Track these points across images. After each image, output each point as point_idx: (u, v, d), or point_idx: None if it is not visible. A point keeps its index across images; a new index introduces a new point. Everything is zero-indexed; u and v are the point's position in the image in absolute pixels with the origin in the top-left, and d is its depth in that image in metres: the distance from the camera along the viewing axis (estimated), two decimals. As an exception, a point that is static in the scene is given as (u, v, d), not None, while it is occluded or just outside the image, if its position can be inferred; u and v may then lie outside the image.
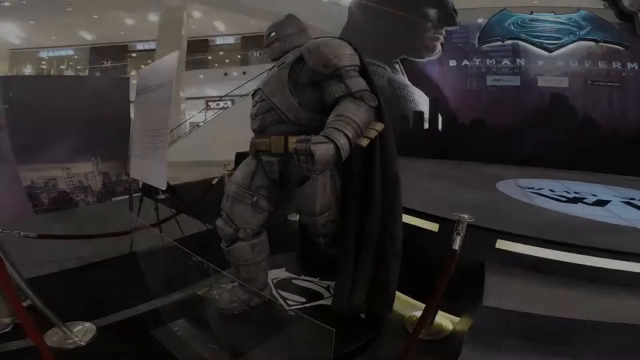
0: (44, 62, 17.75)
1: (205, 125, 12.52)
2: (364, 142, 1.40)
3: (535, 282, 1.93)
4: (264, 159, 1.74)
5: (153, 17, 14.33)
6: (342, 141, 1.32)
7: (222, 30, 16.81)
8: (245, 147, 1.94)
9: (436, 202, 2.83)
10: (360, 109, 1.45)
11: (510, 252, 2.09)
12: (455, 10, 7.57)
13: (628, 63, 6.87)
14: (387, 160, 1.65)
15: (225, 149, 4.20)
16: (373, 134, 1.44)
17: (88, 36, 16.43)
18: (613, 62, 6.95)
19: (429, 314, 1.72)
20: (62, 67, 17.68)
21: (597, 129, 6.38)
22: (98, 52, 17.17)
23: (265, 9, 10.18)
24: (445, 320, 2.04)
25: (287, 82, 1.64)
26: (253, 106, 1.81)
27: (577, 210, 2.98)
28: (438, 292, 1.65)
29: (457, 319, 2.03)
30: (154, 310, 2.09)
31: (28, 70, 17.19)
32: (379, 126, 1.47)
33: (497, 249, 2.11)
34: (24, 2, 13.10)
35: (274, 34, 1.82)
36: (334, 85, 1.53)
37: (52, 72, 17.01)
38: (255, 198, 1.75)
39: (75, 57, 17.74)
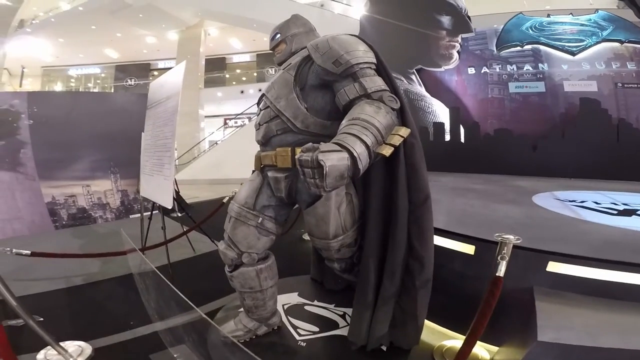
0: (72, 80, 18.63)
1: (222, 143, 12.70)
2: (387, 151, 1.15)
3: (600, 310, 1.63)
4: (270, 174, 1.54)
5: (172, 36, 14.92)
6: (360, 149, 1.07)
7: (238, 48, 17.24)
8: None
9: (468, 220, 2.55)
10: (380, 111, 1.21)
11: (565, 275, 1.80)
12: (469, 17, 7.40)
13: (658, 63, 6.40)
14: (414, 172, 1.40)
15: (242, 166, 4.12)
16: (397, 140, 1.19)
17: (113, 54, 17.30)
18: None
19: (468, 348, 1.48)
20: (90, 84, 18.55)
21: (634, 135, 5.83)
22: (123, 70, 17.99)
23: (276, 24, 10.23)
24: (481, 349, 1.78)
25: (293, 84, 1.44)
26: (257, 115, 1.63)
27: (634, 223, 2.63)
28: (481, 325, 1.42)
29: (495, 348, 1.78)
30: (154, 334, 1.98)
31: (58, 87, 18.12)
32: (404, 131, 1.22)
33: (549, 271, 1.82)
34: (52, 20, 14.11)
35: (279, 35, 1.66)
36: (347, 86, 1.32)
37: (81, 89, 17.89)
38: (260, 219, 1.56)
39: (102, 75, 18.60)
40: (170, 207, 2.41)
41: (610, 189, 4.40)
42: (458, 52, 7.32)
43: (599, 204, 3.48)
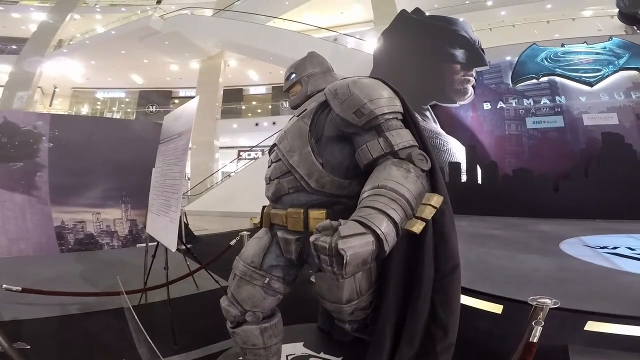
0: (99, 103, 19.39)
1: (235, 175, 12.83)
2: (418, 227, 1.00)
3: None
4: (280, 235, 1.41)
5: (194, 65, 15.56)
6: (386, 229, 0.91)
7: (255, 80, 17.82)
8: None
9: (493, 275, 2.39)
10: (410, 177, 1.05)
11: (604, 333, 1.67)
12: (482, 50, 7.37)
13: (679, 91, 6.20)
14: (444, 242, 1.23)
15: (253, 201, 4.07)
16: (429, 212, 1.03)
17: (138, 80, 18.11)
18: None
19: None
20: (114, 108, 19.23)
21: (661, 170, 5.57)
22: (145, 96, 18.70)
23: (291, 57, 10.55)
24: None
25: (308, 136, 1.29)
26: (268, 166, 1.47)
27: None
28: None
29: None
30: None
31: (85, 109, 18.86)
32: (436, 200, 1.06)
33: (586, 330, 1.70)
34: (87, 42, 14.99)
35: (294, 75, 1.54)
36: (371, 141, 1.16)
37: (105, 113, 18.58)
38: (267, 280, 1.41)
39: (127, 99, 19.39)
40: (174, 250, 2.31)
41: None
42: (473, 86, 7.25)
43: (634, 249, 3.28)
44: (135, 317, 1.73)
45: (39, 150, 4.33)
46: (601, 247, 3.38)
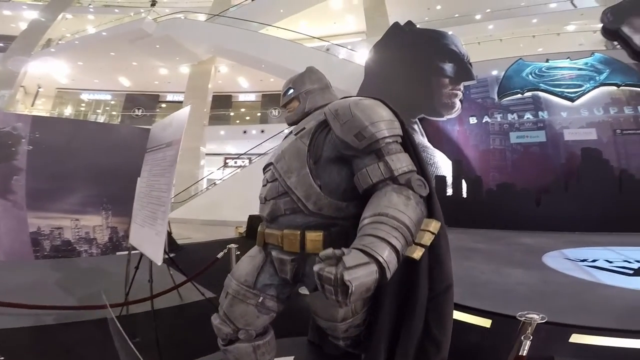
0: (83, 105, 18.82)
1: (221, 184, 12.63)
2: (418, 254, 1.03)
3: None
4: (274, 255, 1.38)
5: (184, 69, 15.38)
6: (389, 257, 0.93)
7: (245, 87, 17.73)
8: (258, 210, 1.60)
9: (481, 290, 2.48)
10: (410, 204, 1.07)
11: (589, 345, 1.78)
12: (470, 64, 7.52)
13: (655, 106, 6.47)
14: (439, 264, 1.25)
15: (239, 209, 3.99)
16: (428, 239, 1.06)
17: (126, 82, 17.74)
18: (639, 107, 6.60)
19: None
20: (99, 110, 18.73)
21: (636, 185, 5.79)
22: (132, 100, 18.28)
23: (283, 66, 10.64)
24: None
25: (306, 157, 1.27)
26: (263, 185, 1.44)
27: None
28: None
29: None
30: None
31: (69, 110, 18.24)
32: (434, 226, 1.08)
33: (571, 342, 1.80)
34: (76, 42, 14.64)
35: (292, 91, 1.51)
36: (370, 165, 1.16)
37: (89, 115, 18.08)
38: (260, 299, 1.38)
39: (112, 102, 18.90)
40: (160, 264, 2.24)
41: (619, 244, 4.33)
42: (460, 100, 7.39)
43: (611, 262, 3.42)
44: (121, 329, 1.66)
45: (17, 152, 4.15)
46: (581, 260, 3.51)
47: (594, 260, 3.49)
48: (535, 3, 13.78)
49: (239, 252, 2.45)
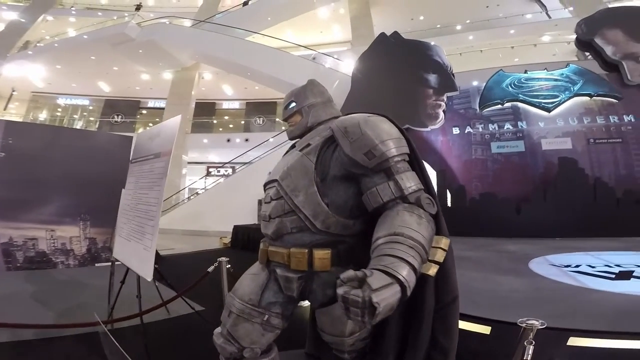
0: (59, 110, 18.16)
1: (204, 193, 12.35)
2: (433, 271, 1.08)
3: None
4: (279, 272, 1.35)
5: (167, 75, 15.11)
6: (408, 276, 0.95)
7: (230, 95, 17.54)
8: (243, 220, 1.57)
9: (477, 298, 2.56)
10: (422, 222, 1.08)
11: (585, 347, 1.89)
12: (453, 75, 7.70)
13: (624, 116, 6.84)
14: (446, 277, 1.27)
15: (222, 219, 3.90)
16: (441, 256, 1.11)
17: (106, 88, 17.21)
18: (610, 117, 6.91)
19: None
20: (76, 116, 18.07)
21: (609, 193, 6.11)
22: (111, 105, 17.72)
23: (269, 74, 10.72)
24: None
25: (314, 175, 1.25)
26: (266, 202, 1.39)
27: (635, 288, 2.77)
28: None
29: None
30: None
31: (43, 115, 17.54)
32: (445, 243, 1.13)
33: (569, 345, 1.91)
34: (56, 45, 14.15)
35: (294, 104, 1.47)
36: (380, 184, 1.16)
37: (65, 120, 17.41)
38: (266, 317, 1.36)
39: (90, 107, 18.25)
40: (149, 280, 2.14)
41: (597, 248, 4.53)
42: (444, 111, 7.55)
43: (594, 267, 3.57)
44: (117, 344, 1.56)
45: (-13, 159, 3.95)
46: (565, 266, 3.64)
47: (577, 266, 3.62)
48: (512, 14, 14.45)
49: (229, 266, 2.39)
